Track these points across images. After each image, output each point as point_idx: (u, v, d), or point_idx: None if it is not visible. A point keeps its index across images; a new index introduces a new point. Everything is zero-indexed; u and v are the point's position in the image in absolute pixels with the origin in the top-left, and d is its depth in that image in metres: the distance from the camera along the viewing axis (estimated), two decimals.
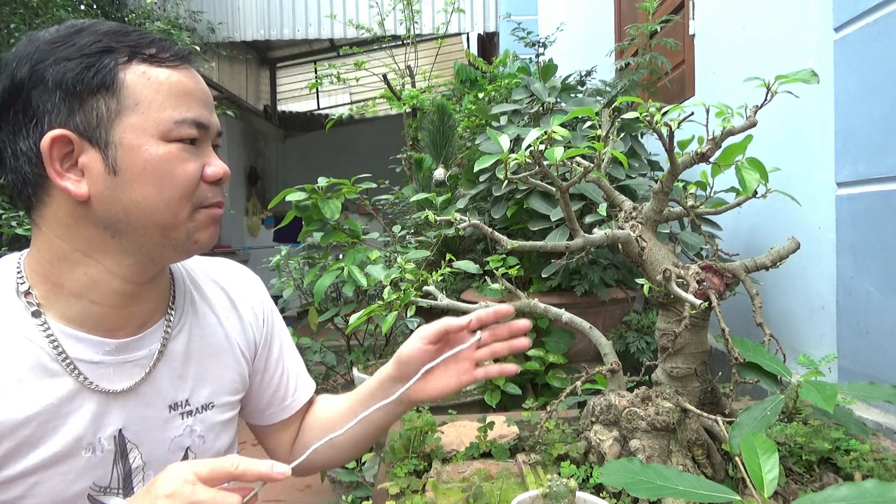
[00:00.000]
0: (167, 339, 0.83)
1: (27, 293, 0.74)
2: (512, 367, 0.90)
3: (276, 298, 1.06)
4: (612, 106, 1.19)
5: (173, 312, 0.84)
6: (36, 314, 0.74)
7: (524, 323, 0.90)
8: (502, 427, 1.26)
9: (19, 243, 2.36)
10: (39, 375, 0.72)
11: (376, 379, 0.94)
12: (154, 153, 0.72)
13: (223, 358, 0.90)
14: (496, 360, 0.92)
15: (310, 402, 1.04)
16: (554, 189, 1.07)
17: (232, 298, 0.94)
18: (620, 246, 1.13)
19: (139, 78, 0.72)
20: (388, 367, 0.93)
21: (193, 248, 0.78)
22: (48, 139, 0.69)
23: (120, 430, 0.77)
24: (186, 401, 0.84)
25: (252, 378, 0.96)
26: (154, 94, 0.72)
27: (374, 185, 2.01)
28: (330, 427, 0.97)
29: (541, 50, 3.04)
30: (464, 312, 0.96)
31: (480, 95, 2.99)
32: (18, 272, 0.76)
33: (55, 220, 0.74)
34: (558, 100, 2.13)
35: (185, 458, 0.84)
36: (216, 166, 0.77)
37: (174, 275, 0.88)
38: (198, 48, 4.89)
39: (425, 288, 1.32)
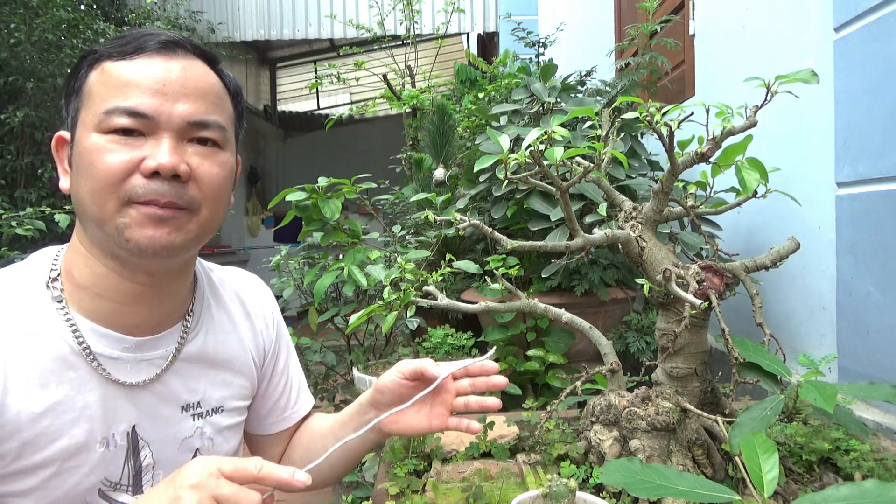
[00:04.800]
0: (183, 342, 0.84)
1: (54, 280, 0.77)
2: (494, 403, 0.87)
3: (276, 298, 1.07)
4: (612, 106, 1.19)
5: (191, 317, 0.86)
6: (58, 300, 0.76)
7: (502, 380, 0.87)
8: (502, 427, 1.26)
9: (20, 243, 2.36)
10: (61, 367, 0.74)
11: (356, 403, 0.95)
12: (84, 145, 0.73)
13: (236, 363, 0.91)
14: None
15: (305, 417, 1.05)
16: (554, 189, 1.07)
17: (246, 307, 0.96)
18: (620, 246, 1.13)
19: (97, 74, 0.75)
20: (368, 394, 0.92)
21: (127, 245, 0.72)
22: (53, 141, 0.79)
23: (133, 427, 0.79)
24: (198, 403, 0.86)
25: (258, 385, 0.98)
26: (101, 87, 0.73)
27: (374, 185, 2.00)
28: (312, 448, 0.99)
29: (541, 50, 3.04)
30: (463, 313, 0.96)
31: (480, 95, 2.98)
32: (55, 261, 0.79)
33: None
34: (558, 100, 2.12)
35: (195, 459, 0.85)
36: (154, 157, 0.71)
37: (198, 281, 0.90)
38: None
39: (425, 288, 1.32)
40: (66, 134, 0.78)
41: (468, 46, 6.48)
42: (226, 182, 0.79)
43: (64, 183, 0.78)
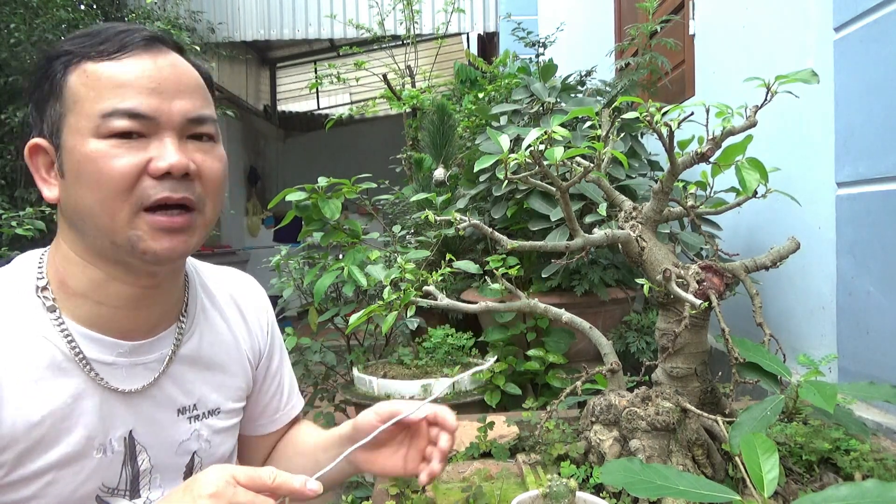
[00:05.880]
0: (178, 344, 0.83)
1: (44, 289, 0.75)
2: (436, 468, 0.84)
3: (276, 298, 1.07)
4: (612, 106, 1.19)
5: (185, 318, 0.85)
6: (51, 309, 0.74)
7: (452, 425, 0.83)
8: (502, 427, 1.26)
9: (20, 243, 2.36)
10: (55, 374, 0.73)
11: (337, 434, 0.92)
12: (83, 152, 0.69)
13: (231, 365, 0.90)
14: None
15: (293, 422, 1.05)
16: (554, 189, 1.07)
17: (241, 308, 0.95)
18: (620, 246, 1.13)
19: (79, 77, 0.71)
20: (346, 428, 0.90)
21: (144, 257, 0.72)
22: (26, 149, 0.74)
23: (130, 432, 0.78)
24: (194, 405, 0.85)
25: (252, 386, 0.97)
26: (89, 90, 0.70)
27: (374, 185, 2.01)
28: (295, 463, 0.97)
29: (541, 50, 3.04)
30: (463, 313, 0.95)
31: (480, 95, 2.98)
32: (39, 268, 0.77)
33: (59, 223, 0.76)
34: (558, 100, 2.12)
35: (192, 462, 0.85)
36: (163, 158, 0.69)
37: (189, 281, 0.88)
38: (197, 47, 4.89)
39: (425, 288, 1.32)
40: (41, 141, 0.73)
41: (468, 46, 6.48)
42: (225, 176, 0.78)
43: (50, 192, 0.73)
